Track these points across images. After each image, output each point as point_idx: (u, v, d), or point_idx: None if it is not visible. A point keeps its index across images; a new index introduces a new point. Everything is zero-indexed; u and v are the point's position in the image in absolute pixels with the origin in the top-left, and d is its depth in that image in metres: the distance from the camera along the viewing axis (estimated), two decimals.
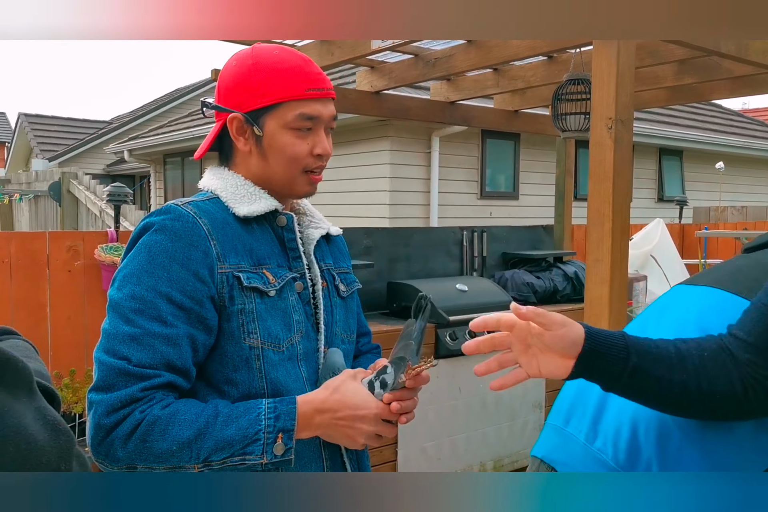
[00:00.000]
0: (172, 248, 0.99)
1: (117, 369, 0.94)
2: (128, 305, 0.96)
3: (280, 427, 0.94)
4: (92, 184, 5.70)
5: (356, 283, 1.25)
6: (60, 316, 3.30)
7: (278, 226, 1.11)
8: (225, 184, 1.10)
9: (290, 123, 1.06)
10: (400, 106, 4.45)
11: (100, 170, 14.96)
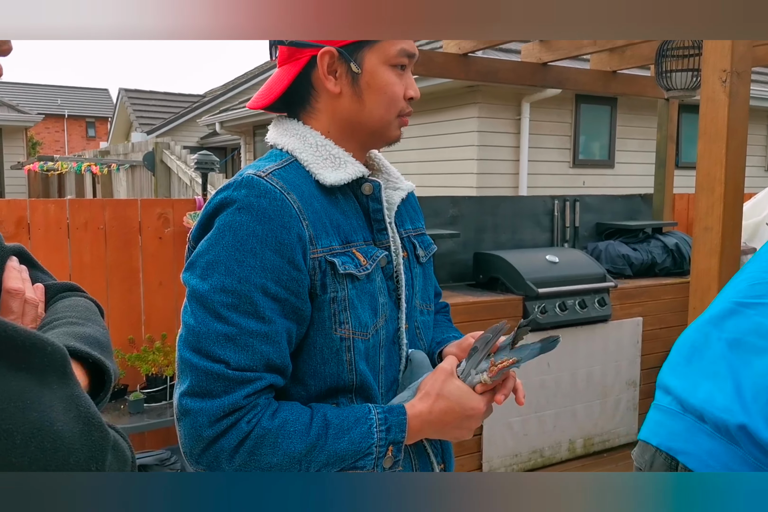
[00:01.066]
0: (262, 231, 0.87)
1: (215, 374, 0.85)
2: (219, 299, 0.86)
3: (391, 440, 0.89)
4: (183, 154, 5.85)
5: (433, 246, 1.15)
6: (152, 282, 3.40)
7: (363, 193, 0.99)
8: (303, 143, 0.98)
9: (392, 59, 0.97)
10: (488, 68, 4.26)
11: (194, 143, 15.45)
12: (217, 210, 0.91)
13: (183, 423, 0.86)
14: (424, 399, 0.92)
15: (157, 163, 6.08)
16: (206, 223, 0.92)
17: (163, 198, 6.01)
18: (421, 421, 0.91)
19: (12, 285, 0.77)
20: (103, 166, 7.67)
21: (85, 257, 3.18)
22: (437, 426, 0.92)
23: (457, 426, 0.92)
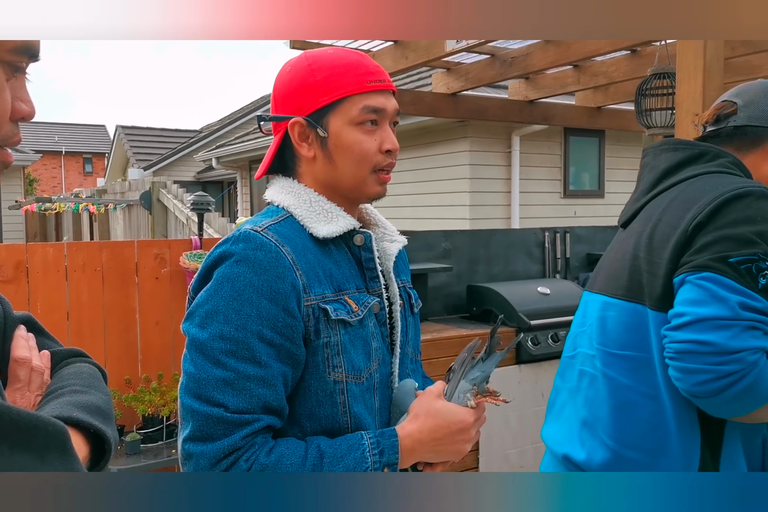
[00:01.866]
0: (258, 282, 0.92)
1: (214, 418, 0.89)
2: (218, 346, 0.91)
3: (385, 462, 0.93)
4: (179, 193, 5.94)
5: (419, 299, 1.21)
6: (149, 321, 3.44)
7: (355, 244, 1.05)
8: (298, 200, 1.04)
9: (356, 118, 1.01)
10: (477, 106, 4.39)
11: (191, 177, 15.61)
12: (216, 263, 0.96)
13: (187, 467, 0.90)
14: (413, 419, 0.97)
15: (154, 202, 6.17)
16: (205, 275, 0.97)
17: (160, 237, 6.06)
18: (412, 441, 0.95)
19: (20, 354, 0.82)
20: (100, 205, 7.76)
21: (82, 297, 3.23)
22: (431, 444, 0.95)
23: (450, 441, 0.96)
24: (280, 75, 1.07)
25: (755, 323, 1.05)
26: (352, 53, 1.05)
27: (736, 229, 1.10)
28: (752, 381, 1.04)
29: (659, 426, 1.20)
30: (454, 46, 3.06)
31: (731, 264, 1.07)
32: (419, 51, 3.35)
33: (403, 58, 3.48)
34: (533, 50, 3.57)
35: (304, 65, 1.03)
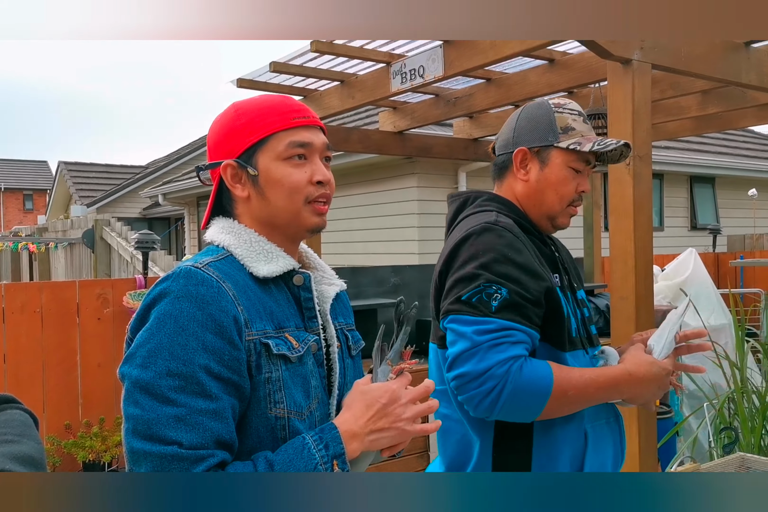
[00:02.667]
0: (201, 316, 0.92)
1: (169, 457, 0.87)
2: (165, 383, 0.89)
3: (332, 454, 0.93)
4: (124, 231, 5.83)
5: (361, 341, 1.21)
6: (90, 363, 3.33)
7: (295, 284, 1.06)
8: (238, 239, 1.05)
9: (283, 153, 1.04)
10: (423, 144, 4.48)
11: (137, 214, 15.33)
12: (155, 300, 0.95)
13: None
14: (346, 409, 0.98)
15: (97, 240, 6.03)
16: (144, 314, 0.95)
17: (104, 276, 5.92)
18: (350, 426, 0.95)
19: None
20: (40, 244, 7.53)
21: (21, 340, 3.11)
22: (369, 424, 0.96)
23: (383, 414, 0.96)
24: (211, 126, 1.11)
25: (495, 341, 1.21)
26: (275, 96, 1.10)
27: (464, 269, 1.29)
28: (513, 388, 1.18)
29: (467, 445, 1.38)
30: (398, 87, 3.14)
31: (464, 302, 1.26)
32: (365, 90, 3.42)
33: (349, 98, 3.55)
34: (476, 91, 3.70)
35: (230, 112, 1.07)
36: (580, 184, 1.40)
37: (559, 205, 1.42)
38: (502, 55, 2.54)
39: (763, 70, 2.49)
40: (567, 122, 1.39)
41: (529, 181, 1.41)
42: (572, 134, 1.38)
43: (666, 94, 3.40)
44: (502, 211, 1.40)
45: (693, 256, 5.22)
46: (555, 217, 1.44)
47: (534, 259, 1.33)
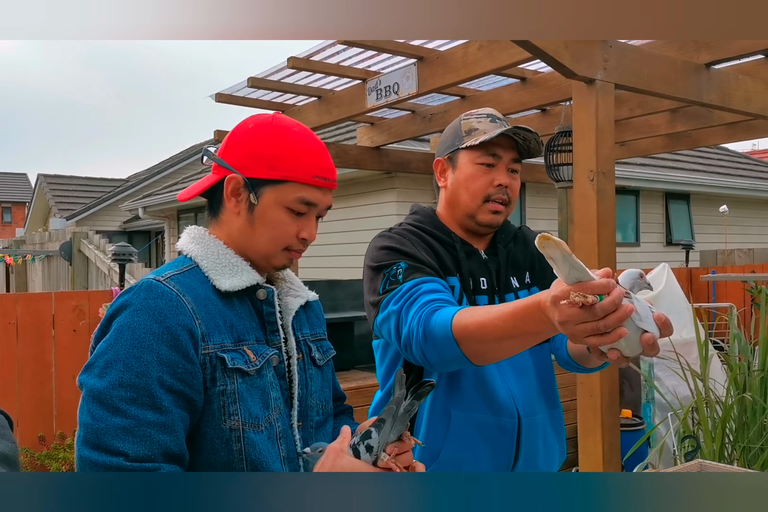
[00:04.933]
0: (158, 329, 0.95)
1: (114, 468, 0.88)
2: (117, 394, 0.91)
3: None
4: (102, 243, 5.82)
5: (332, 351, 1.23)
6: (65, 375, 3.32)
7: (258, 298, 1.08)
8: (206, 251, 1.07)
9: (288, 203, 1.06)
10: (400, 159, 4.56)
11: (117, 227, 15.25)
12: (116, 312, 0.97)
13: None
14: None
15: (75, 252, 6.00)
16: (106, 325, 0.98)
17: (81, 289, 5.90)
18: None
19: None
20: (17, 256, 7.48)
21: None
22: None
23: None
24: (242, 126, 1.10)
25: (408, 301, 1.29)
26: (313, 141, 1.09)
27: (369, 269, 1.43)
28: (423, 331, 1.23)
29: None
30: (374, 103, 3.21)
31: (383, 292, 1.37)
32: (342, 106, 3.49)
33: (327, 113, 3.61)
34: (450, 108, 3.78)
35: (266, 131, 1.07)
36: (495, 178, 1.41)
37: (473, 202, 1.43)
38: (473, 73, 2.61)
39: (724, 90, 2.58)
40: (471, 125, 1.44)
41: (447, 186, 1.47)
42: (475, 134, 1.42)
43: (635, 113, 3.50)
44: (414, 222, 1.48)
45: (666, 270, 5.32)
46: (474, 215, 1.44)
47: (425, 255, 1.40)
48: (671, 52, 2.58)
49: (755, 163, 11.51)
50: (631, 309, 0.90)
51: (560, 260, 0.90)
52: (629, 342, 0.94)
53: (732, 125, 3.91)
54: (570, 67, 2.05)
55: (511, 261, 1.51)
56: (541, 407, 1.48)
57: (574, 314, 0.90)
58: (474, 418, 1.39)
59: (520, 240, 1.56)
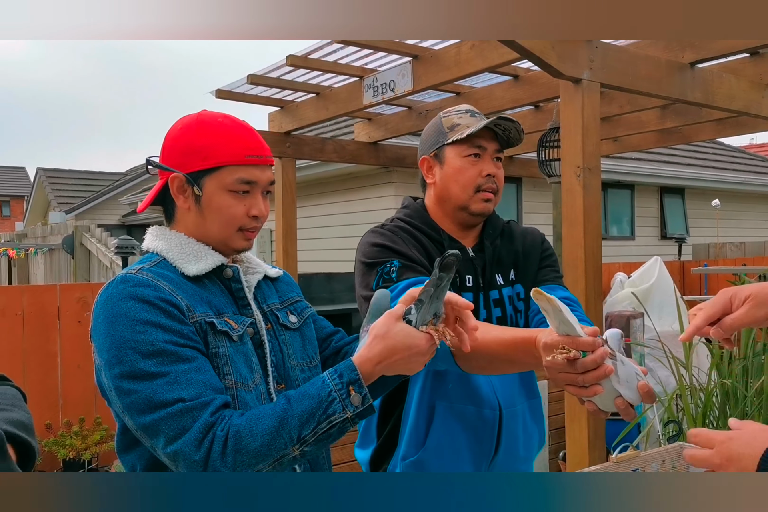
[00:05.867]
0: (149, 307, 1.03)
1: (178, 412, 0.97)
2: (143, 366, 0.99)
3: (346, 381, 0.99)
4: (103, 237, 5.90)
5: (309, 309, 1.32)
6: (70, 365, 3.41)
7: (226, 277, 1.17)
8: (169, 244, 1.15)
9: (228, 186, 1.13)
10: (397, 154, 4.64)
11: (116, 221, 15.32)
12: (102, 308, 1.05)
13: (179, 463, 0.97)
14: (371, 341, 1.03)
15: (77, 246, 6.09)
16: (96, 322, 1.06)
17: (83, 281, 5.98)
18: (371, 365, 1.02)
19: None
20: (20, 250, 7.57)
21: (2, 343, 3.19)
22: (386, 365, 1.02)
23: (405, 361, 1.02)
24: (173, 129, 1.18)
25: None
26: (239, 125, 1.17)
27: (361, 266, 1.48)
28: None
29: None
30: (370, 100, 3.29)
31: (370, 284, 1.43)
32: (339, 103, 3.57)
33: (324, 109, 3.69)
34: (446, 104, 3.85)
35: (193, 127, 1.15)
36: (483, 169, 1.48)
37: (464, 193, 1.49)
38: (466, 71, 2.69)
39: (708, 89, 2.67)
40: (453, 121, 1.50)
41: (436, 182, 1.52)
42: (458, 129, 1.47)
43: (624, 109, 3.58)
44: (405, 217, 1.54)
45: (658, 263, 5.41)
46: (467, 206, 1.50)
47: (416, 253, 1.45)
48: (656, 52, 2.66)
49: (751, 157, 11.59)
50: (610, 371, 0.97)
51: (551, 314, 0.97)
52: (603, 400, 1.01)
53: (721, 121, 3.99)
54: (557, 67, 2.13)
55: (496, 258, 1.56)
56: (521, 398, 1.57)
57: (558, 363, 0.98)
58: (456, 409, 1.48)
59: (506, 235, 1.61)
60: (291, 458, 0.99)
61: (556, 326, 0.98)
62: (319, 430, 0.98)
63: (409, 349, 1.02)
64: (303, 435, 0.98)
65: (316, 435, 0.98)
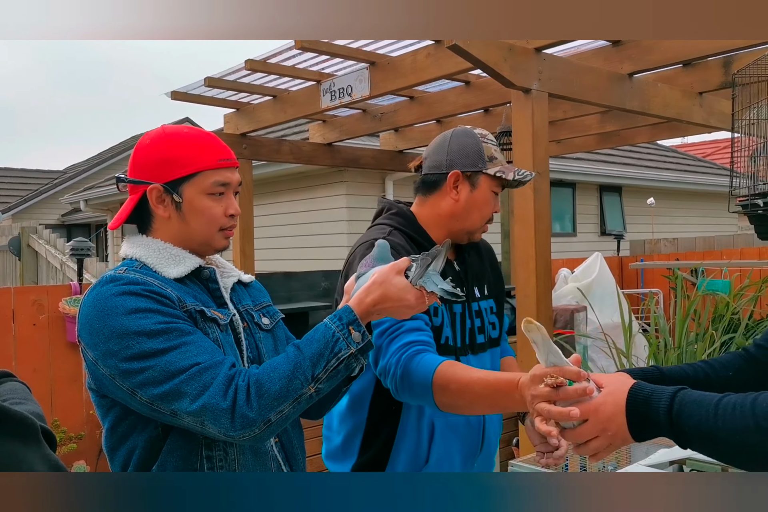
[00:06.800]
0: (143, 299, 1.10)
1: (199, 372, 1.06)
2: (152, 346, 1.06)
3: (346, 322, 1.11)
4: (52, 238, 5.80)
5: (279, 314, 1.41)
6: (26, 369, 3.39)
7: (203, 278, 1.25)
8: (147, 250, 1.22)
9: (207, 189, 1.21)
10: (351, 156, 4.74)
11: (55, 220, 14.88)
12: (93, 305, 1.11)
13: (206, 417, 1.05)
14: (369, 286, 1.15)
15: (24, 247, 5.96)
16: (89, 321, 1.11)
17: (30, 284, 5.86)
18: (365, 309, 1.14)
19: None
20: None
21: None
22: (379, 309, 1.15)
23: (395, 310, 1.15)
24: (140, 145, 1.25)
25: (390, 337, 1.40)
26: (205, 133, 1.26)
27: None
28: (402, 373, 1.35)
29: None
30: (328, 104, 3.38)
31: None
32: (297, 106, 3.65)
33: (281, 112, 3.76)
34: (400, 107, 3.98)
35: (163, 139, 1.22)
36: (495, 205, 1.62)
37: (480, 223, 1.61)
38: (422, 79, 2.82)
39: (645, 97, 2.87)
40: (491, 152, 1.58)
41: (459, 200, 1.57)
42: (495, 163, 1.58)
43: (568, 114, 3.79)
44: (399, 226, 1.59)
45: (599, 259, 5.69)
46: (473, 233, 1.62)
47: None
48: (598, 63, 2.85)
49: (683, 156, 12.16)
50: (590, 391, 1.03)
51: (541, 344, 1.05)
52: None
53: (656, 125, 4.25)
54: (509, 78, 2.28)
55: (474, 271, 1.67)
56: None
57: (544, 392, 1.05)
58: (451, 422, 1.58)
59: (475, 250, 1.72)
60: (308, 396, 1.10)
61: (545, 357, 1.06)
62: (330, 367, 1.09)
63: (400, 301, 1.14)
64: (316, 374, 1.09)
65: (328, 372, 1.09)
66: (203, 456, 1.15)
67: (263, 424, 1.06)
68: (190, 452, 1.15)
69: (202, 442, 1.15)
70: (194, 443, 1.15)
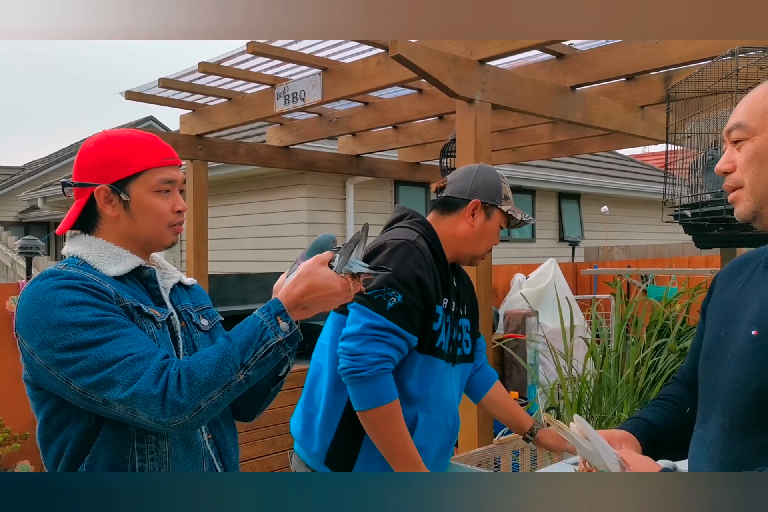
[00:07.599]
0: (81, 292, 1.13)
1: (131, 362, 1.08)
2: (87, 337, 1.09)
3: (274, 313, 1.15)
4: (3, 236, 5.70)
5: (218, 316, 1.45)
6: None
7: (143, 277, 1.28)
8: (89, 249, 1.24)
9: (153, 187, 1.25)
10: (309, 159, 4.77)
11: (13, 218, 14.57)
12: (32, 298, 1.13)
13: (137, 404, 1.07)
14: (295, 278, 1.18)
15: None
16: (27, 313, 1.13)
17: None
18: (293, 299, 1.17)
19: None
20: None
21: None
22: (307, 300, 1.17)
23: (323, 299, 1.18)
24: (84, 149, 1.28)
25: (375, 337, 1.55)
26: (146, 134, 1.30)
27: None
28: (367, 376, 1.52)
29: (331, 392, 1.69)
30: (282, 108, 3.41)
31: (368, 296, 1.58)
32: (252, 109, 3.67)
33: (236, 114, 3.78)
34: (355, 113, 4.03)
35: (105, 141, 1.26)
36: (498, 238, 1.80)
37: (485, 250, 1.80)
38: (372, 86, 2.88)
39: (587, 109, 2.97)
40: (507, 192, 1.77)
41: (474, 227, 1.73)
42: (508, 202, 1.76)
43: (518, 124, 3.88)
44: (424, 235, 1.71)
45: (553, 265, 5.82)
46: (476, 257, 1.81)
47: (431, 279, 1.65)
48: (542, 75, 2.94)
49: (641, 166, 12.46)
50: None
51: (572, 441, 1.06)
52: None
53: (605, 136, 4.37)
54: (452, 88, 2.35)
55: (462, 289, 1.83)
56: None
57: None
58: (432, 419, 1.69)
59: (461, 273, 1.88)
60: (237, 383, 1.13)
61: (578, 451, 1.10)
62: (258, 355, 1.13)
63: (327, 289, 1.18)
64: (245, 361, 1.12)
65: (257, 360, 1.13)
66: (135, 448, 1.18)
67: (193, 411, 1.09)
68: (121, 444, 1.17)
69: (134, 435, 1.17)
70: (126, 435, 1.17)
